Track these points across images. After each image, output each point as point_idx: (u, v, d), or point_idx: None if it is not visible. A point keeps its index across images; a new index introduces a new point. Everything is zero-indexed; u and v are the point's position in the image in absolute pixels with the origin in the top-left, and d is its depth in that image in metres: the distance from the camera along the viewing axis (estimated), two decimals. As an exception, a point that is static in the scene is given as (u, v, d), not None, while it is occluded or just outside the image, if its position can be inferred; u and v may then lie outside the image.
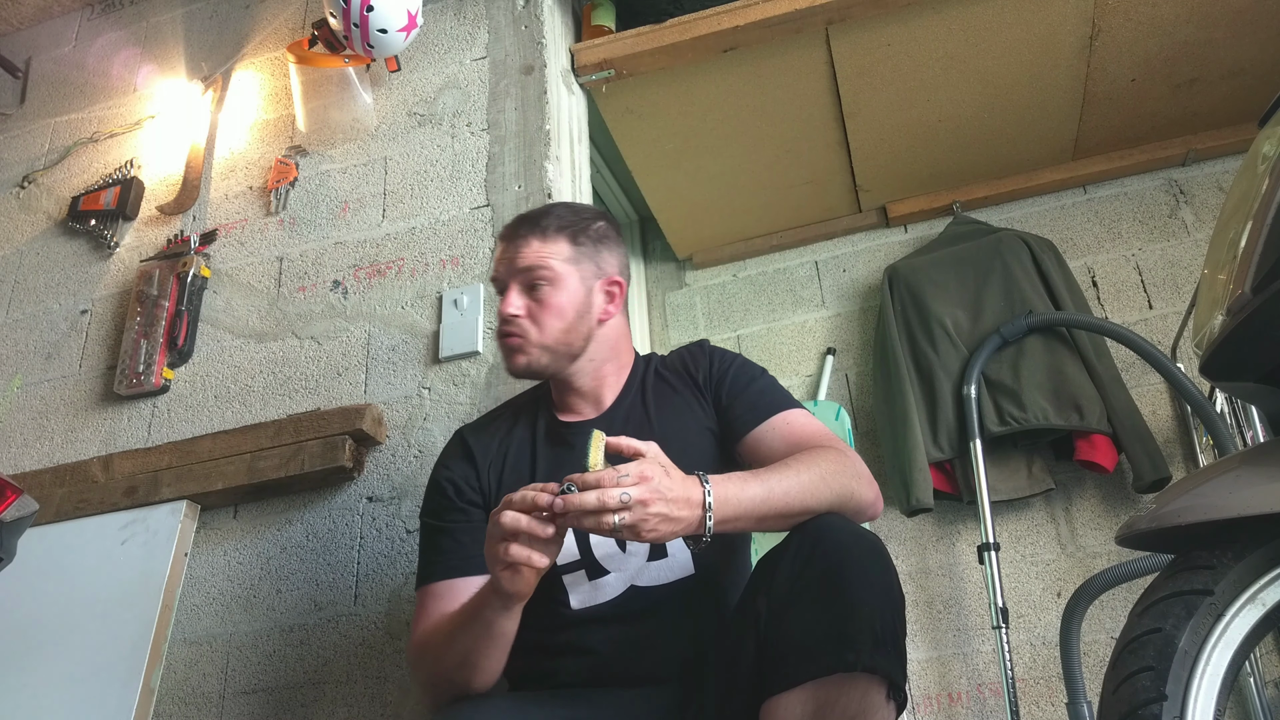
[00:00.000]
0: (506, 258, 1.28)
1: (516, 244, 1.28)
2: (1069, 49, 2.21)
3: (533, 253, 1.27)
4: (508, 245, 1.29)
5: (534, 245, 1.27)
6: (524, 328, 1.25)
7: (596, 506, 0.94)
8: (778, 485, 1.06)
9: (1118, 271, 2.50)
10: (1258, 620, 0.88)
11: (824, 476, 1.09)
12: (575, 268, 1.28)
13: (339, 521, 1.73)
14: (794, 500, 1.06)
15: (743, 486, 1.03)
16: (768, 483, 1.05)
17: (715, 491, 1.00)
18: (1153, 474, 2.06)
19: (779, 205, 2.72)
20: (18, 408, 2.06)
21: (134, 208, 2.19)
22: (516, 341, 1.25)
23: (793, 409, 1.24)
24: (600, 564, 1.20)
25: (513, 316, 1.25)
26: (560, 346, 1.27)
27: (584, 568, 1.20)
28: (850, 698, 0.93)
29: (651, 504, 0.96)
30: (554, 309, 1.26)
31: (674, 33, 2.09)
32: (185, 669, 1.69)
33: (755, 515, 1.04)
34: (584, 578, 1.20)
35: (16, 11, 2.56)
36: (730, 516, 1.01)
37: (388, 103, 2.12)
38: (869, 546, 1.02)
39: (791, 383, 2.63)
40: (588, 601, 1.19)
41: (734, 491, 1.02)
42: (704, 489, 1.00)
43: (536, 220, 1.30)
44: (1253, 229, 0.92)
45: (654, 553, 1.20)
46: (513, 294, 1.26)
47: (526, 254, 1.27)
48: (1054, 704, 2.09)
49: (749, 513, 1.03)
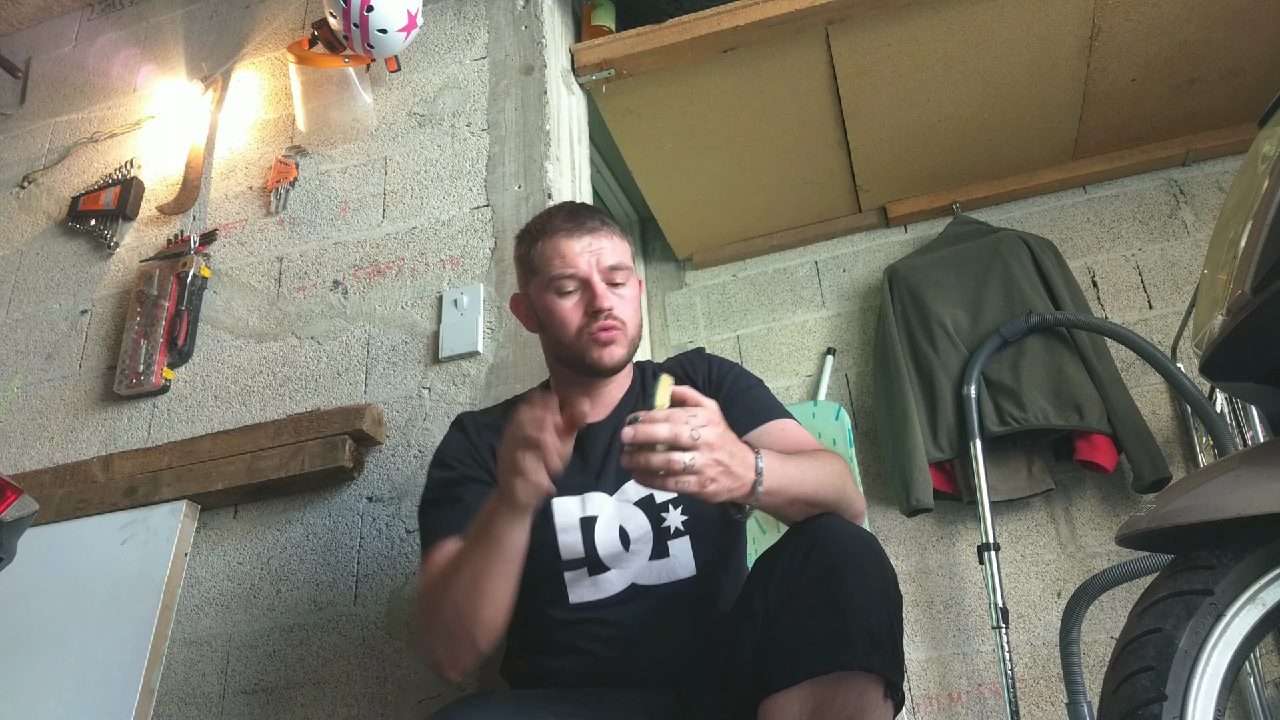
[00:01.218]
0: (590, 252, 1.24)
1: (598, 238, 1.26)
2: (1069, 49, 2.21)
3: (615, 248, 1.27)
4: (584, 239, 1.25)
5: (614, 240, 1.27)
6: (623, 320, 1.24)
7: (669, 437, 0.93)
8: (809, 471, 1.08)
9: (1118, 271, 2.50)
10: (1258, 620, 0.88)
11: (837, 475, 1.13)
12: (633, 264, 1.30)
13: (339, 521, 1.73)
14: (820, 489, 1.08)
15: (784, 462, 1.05)
16: (801, 465, 1.08)
17: (765, 460, 1.02)
18: (1153, 474, 2.06)
19: (779, 205, 2.72)
20: (18, 408, 2.06)
21: (134, 208, 2.19)
22: (617, 334, 1.24)
23: (787, 418, 1.27)
24: (603, 562, 1.20)
25: (611, 308, 1.23)
26: (637, 341, 1.29)
27: (586, 565, 1.20)
28: (848, 697, 0.93)
29: (718, 449, 0.96)
30: (634, 303, 1.28)
31: (674, 33, 2.09)
32: (185, 669, 1.69)
33: (790, 494, 1.05)
34: (585, 574, 1.20)
35: (16, 11, 2.56)
36: (775, 488, 1.02)
37: (388, 103, 2.12)
38: (866, 546, 1.03)
39: (791, 383, 2.63)
40: (587, 598, 1.19)
41: (778, 465, 1.04)
42: (755, 455, 1.01)
43: (596, 214, 1.30)
44: (1253, 229, 0.92)
45: (656, 552, 1.20)
46: (601, 287, 1.23)
47: (609, 249, 1.26)
48: (1054, 704, 2.09)
49: (787, 489, 1.04)
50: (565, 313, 1.24)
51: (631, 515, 1.22)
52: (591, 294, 1.23)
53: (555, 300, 1.25)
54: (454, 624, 1.08)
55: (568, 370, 1.30)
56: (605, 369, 1.25)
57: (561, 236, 1.26)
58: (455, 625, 1.08)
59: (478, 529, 1.08)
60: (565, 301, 1.24)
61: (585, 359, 1.24)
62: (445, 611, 1.09)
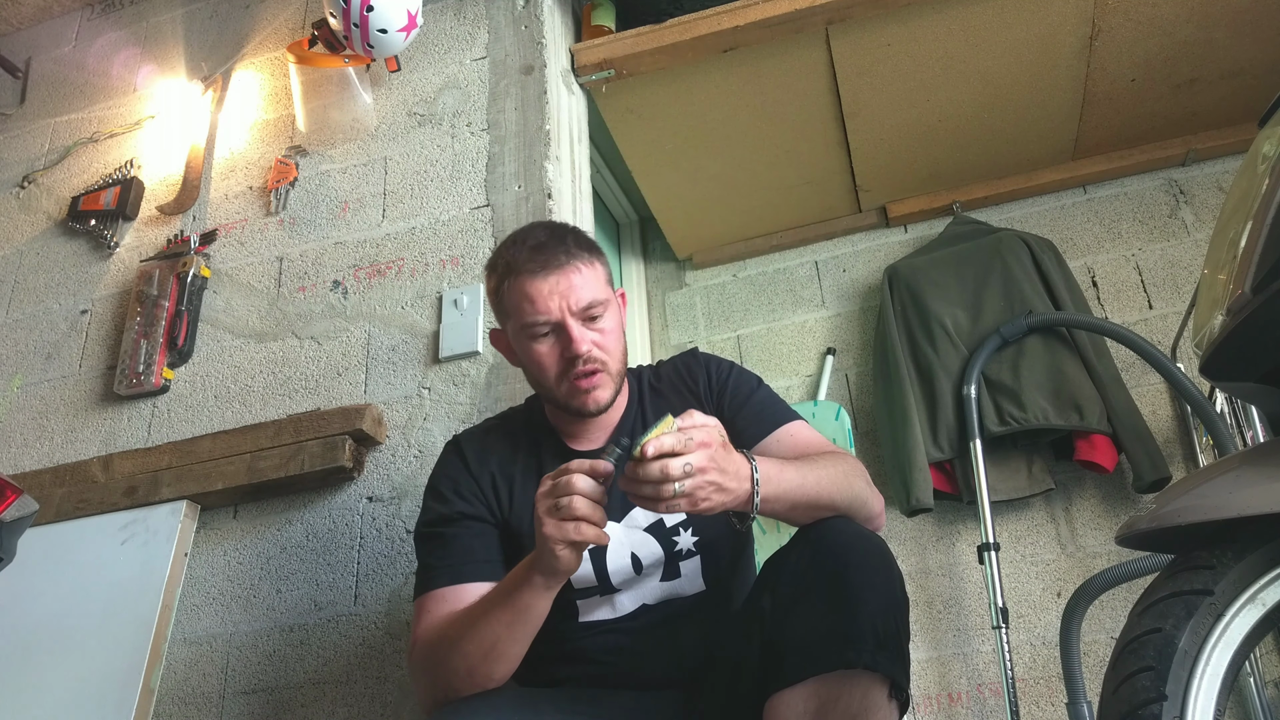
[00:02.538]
0: (559, 294, 1.17)
1: (565, 274, 1.18)
2: (1069, 49, 2.21)
3: (585, 281, 1.19)
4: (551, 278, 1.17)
5: (583, 270, 1.19)
6: (604, 361, 1.19)
7: (660, 476, 0.93)
8: (810, 474, 1.08)
9: (1118, 271, 2.50)
10: (1258, 620, 0.88)
11: (846, 475, 1.13)
12: (609, 287, 1.25)
13: (339, 521, 1.73)
14: (824, 491, 1.08)
15: (781, 469, 1.05)
16: (801, 470, 1.08)
17: (761, 469, 1.02)
18: (1153, 474, 2.06)
19: (779, 205, 2.72)
20: (18, 408, 2.06)
21: (134, 208, 2.19)
22: (599, 377, 1.18)
23: (796, 420, 1.26)
24: (615, 586, 1.19)
25: (589, 352, 1.17)
26: (622, 372, 1.24)
27: (598, 592, 1.20)
28: (852, 695, 0.94)
29: (709, 471, 0.96)
30: (614, 334, 1.21)
31: (674, 33, 2.09)
32: (185, 669, 1.69)
33: (791, 500, 1.05)
34: (597, 598, 1.20)
35: (16, 11, 2.56)
36: (772, 496, 1.03)
37: (388, 103, 2.12)
38: (873, 547, 1.03)
39: (791, 383, 2.63)
40: (598, 616, 1.19)
41: (775, 472, 1.04)
42: (751, 465, 1.02)
43: (562, 244, 1.21)
44: (1253, 229, 0.92)
45: (667, 574, 1.20)
46: (575, 330, 1.17)
47: (580, 284, 1.18)
48: (1054, 704, 2.09)
49: (786, 495, 1.04)
50: (541, 357, 1.19)
51: (643, 542, 1.20)
52: (567, 338, 1.17)
53: (530, 345, 1.19)
54: (463, 680, 1.06)
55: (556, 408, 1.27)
56: (590, 414, 1.21)
57: (526, 278, 1.18)
58: (464, 682, 1.06)
59: (503, 595, 1.05)
60: (540, 346, 1.19)
61: (570, 406, 1.21)
62: (456, 667, 1.06)
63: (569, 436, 1.29)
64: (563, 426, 1.29)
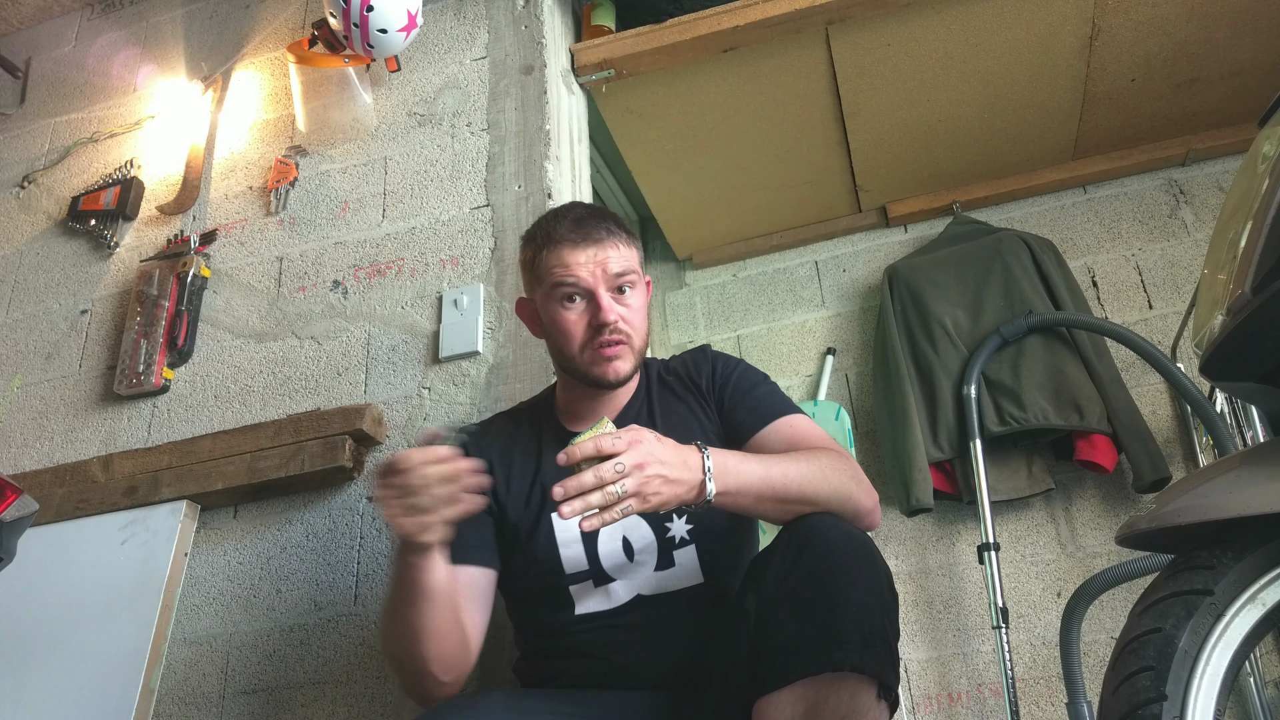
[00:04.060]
0: (596, 262, 1.21)
1: (603, 247, 1.22)
2: (1069, 49, 2.21)
3: (621, 256, 1.23)
4: (589, 249, 1.22)
5: (620, 248, 1.23)
6: (628, 334, 1.22)
7: (595, 483, 0.95)
8: (776, 468, 1.07)
9: (1118, 271, 2.50)
10: (1258, 620, 0.88)
11: (824, 470, 1.10)
12: (641, 270, 1.28)
13: (339, 521, 1.73)
14: (793, 486, 1.07)
15: (742, 460, 1.06)
16: (766, 463, 1.07)
17: (715, 459, 1.03)
18: (1153, 474, 2.06)
19: (779, 205, 2.72)
20: (18, 408, 2.06)
21: (134, 208, 2.19)
22: (623, 349, 1.21)
23: (795, 414, 1.25)
24: (608, 573, 1.20)
25: (615, 322, 1.20)
26: (643, 351, 1.26)
27: (591, 577, 1.20)
28: (840, 697, 0.93)
29: (648, 466, 0.97)
30: (641, 311, 1.26)
31: (674, 33, 2.09)
32: (185, 669, 1.69)
33: (754, 492, 1.05)
34: (590, 586, 1.20)
35: (16, 11, 2.56)
36: (733, 488, 1.03)
37: (388, 103, 2.12)
38: (858, 545, 1.02)
39: (791, 383, 2.63)
40: (593, 608, 1.19)
41: (733, 464, 1.04)
42: (702, 454, 1.02)
43: (603, 222, 1.25)
44: (1253, 229, 0.92)
45: (661, 563, 1.20)
46: (605, 300, 1.20)
47: (615, 258, 1.22)
48: (1054, 704, 2.09)
49: (747, 488, 1.04)
50: (569, 324, 1.22)
51: (635, 526, 1.21)
52: (596, 306, 1.20)
53: (559, 311, 1.23)
54: (405, 662, 1.12)
55: (573, 379, 1.28)
56: (609, 384, 1.23)
57: (567, 247, 1.22)
58: (407, 663, 1.12)
59: (394, 578, 1.10)
60: (569, 313, 1.22)
61: (589, 374, 1.23)
62: (395, 651, 1.14)
63: (573, 417, 1.31)
64: (570, 406, 1.31)
